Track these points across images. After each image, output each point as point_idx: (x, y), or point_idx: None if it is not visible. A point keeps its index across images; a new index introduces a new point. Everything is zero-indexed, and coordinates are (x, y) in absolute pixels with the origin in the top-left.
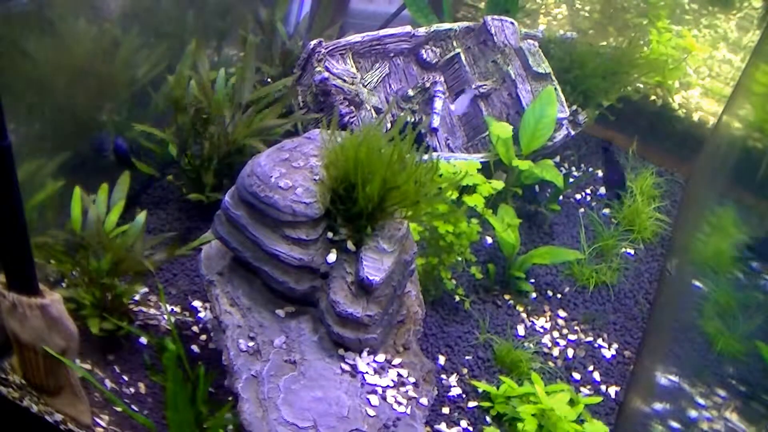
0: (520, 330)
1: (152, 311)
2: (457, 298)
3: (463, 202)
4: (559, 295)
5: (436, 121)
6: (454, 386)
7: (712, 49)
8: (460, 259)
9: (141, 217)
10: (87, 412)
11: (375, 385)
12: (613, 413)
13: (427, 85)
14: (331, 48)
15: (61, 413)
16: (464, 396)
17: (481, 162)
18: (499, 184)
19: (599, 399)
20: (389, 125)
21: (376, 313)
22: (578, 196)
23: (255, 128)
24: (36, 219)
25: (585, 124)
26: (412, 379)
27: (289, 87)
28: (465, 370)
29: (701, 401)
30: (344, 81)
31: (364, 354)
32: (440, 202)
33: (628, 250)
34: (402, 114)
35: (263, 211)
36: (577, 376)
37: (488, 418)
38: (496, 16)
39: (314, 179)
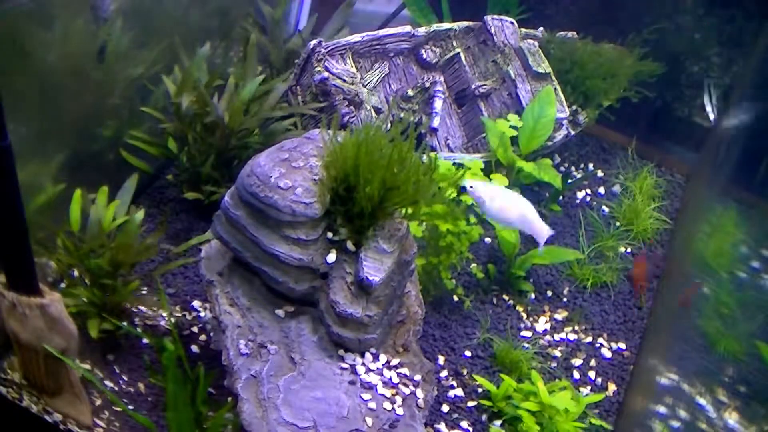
0: (520, 330)
1: (152, 311)
2: (457, 298)
3: (462, 201)
4: (559, 295)
5: (436, 121)
6: (454, 386)
7: (712, 49)
8: (461, 253)
9: (139, 215)
10: (87, 412)
11: (375, 385)
12: (613, 413)
13: (427, 85)
14: (330, 48)
15: (61, 413)
16: (464, 396)
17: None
18: (503, 180)
19: (601, 396)
20: (389, 125)
21: (376, 314)
22: (578, 196)
23: (254, 119)
24: (36, 219)
25: (585, 124)
26: (411, 379)
27: (290, 89)
28: (465, 370)
29: (701, 401)
30: (344, 81)
31: (364, 354)
32: (439, 201)
33: (628, 250)
34: (404, 114)
35: (263, 212)
36: (576, 375)
37: (488, 418)
38: (495, 16)
39: (314, 179)
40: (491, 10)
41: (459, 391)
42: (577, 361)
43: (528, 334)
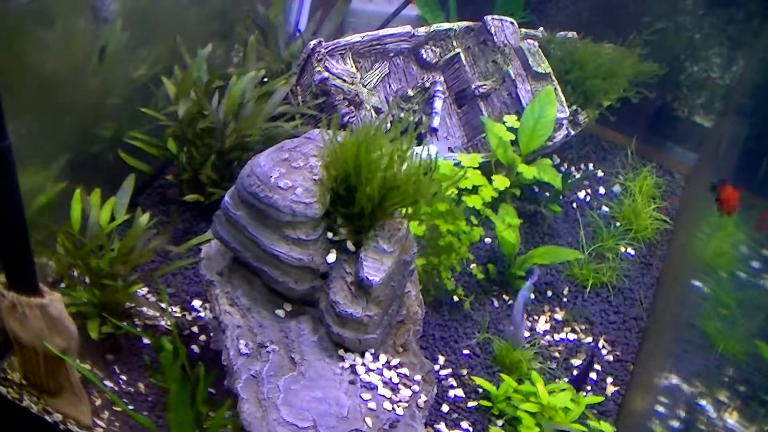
0: None
1: (152, 311)
2: (457, 298)
3: (463, 201)
4: (558, 295)
5: (436, 121)
6: (454, 386)
7: (713, 48)
8: (461, 254)
9: (144, 218)
10: (87, 412)
11: (375, 385)
12: (613, 414)
13: (427, 85)
14: (330, 48)
15: (61, 413)
16: (464, 396)
17: (481, 163)
18: (504, 182)
19: (600, 398)
20: (389, 125)
21: (376, 314)
22: (579, 196)
23: (256, 119)
24: (36, 219)
25: (585, 124)
26: (411, 379)
27: (291, 91)
28: (465, 371)
29: (701, 401)
30: (344, 81)
31: (364, 354)
32: (440, 201)
33: (629, 251)
34: (404, 114)
35: (263, 212)
36: None
37: (488, 418)
38: (496, 16)
39: (314, 179)
40: (497, 11)
41: (459, 391)
42: (577, 362)
43: (528, 334)
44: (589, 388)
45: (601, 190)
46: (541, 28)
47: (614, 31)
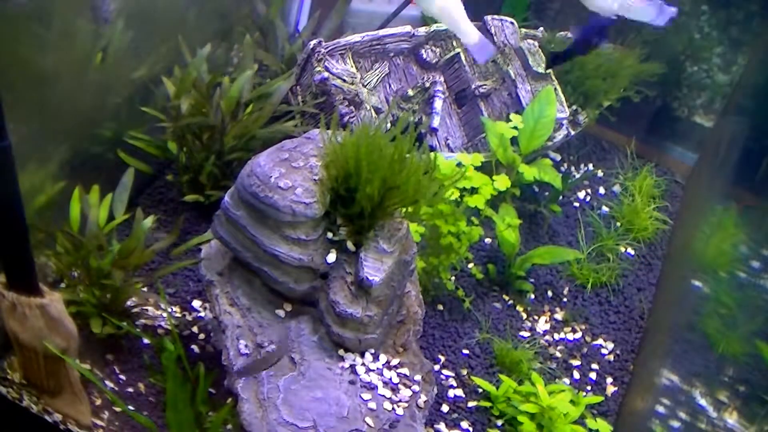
0: (520, 330)
1: (151, 311)
2: (457, 298)
3: (464, 201)
4: (558, 295)
5: (436, 121)
6: (454, 386)
7: (713, 47)
8: (460, 254)
9: (148, 221)
10: (87, 412)
11: (375, 385)
12: (612, 414)
13: (427, 85)
14: (330, 48)
15: (61, 413)
16: (464, 396)
17: (482, 162)
18: (505, 182)
19: (600, 398)
20: (389, 125)
21: (376, 314)
22: (579, 196)
23: (255, 117)
24: (36, 220)
25: (585, 124)
26: (411, 379)
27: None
28: (465, 371)
29: (701, 401)
30: (344, 81)
31: (364, 354)
32: (440, 201)
33: (629, 251)
34: (404, 114)
35: (263, 212)
36: (576, 376)
37: (488, 418)
38: (495, 16)
39: (314, 179)
40: (504, 12)
41: (459, 391)
42: (576, 362)
43: (528, 334)
44: (589, 388)
45: (601, 190)
46: (541, 28)
47: (614, 31)
